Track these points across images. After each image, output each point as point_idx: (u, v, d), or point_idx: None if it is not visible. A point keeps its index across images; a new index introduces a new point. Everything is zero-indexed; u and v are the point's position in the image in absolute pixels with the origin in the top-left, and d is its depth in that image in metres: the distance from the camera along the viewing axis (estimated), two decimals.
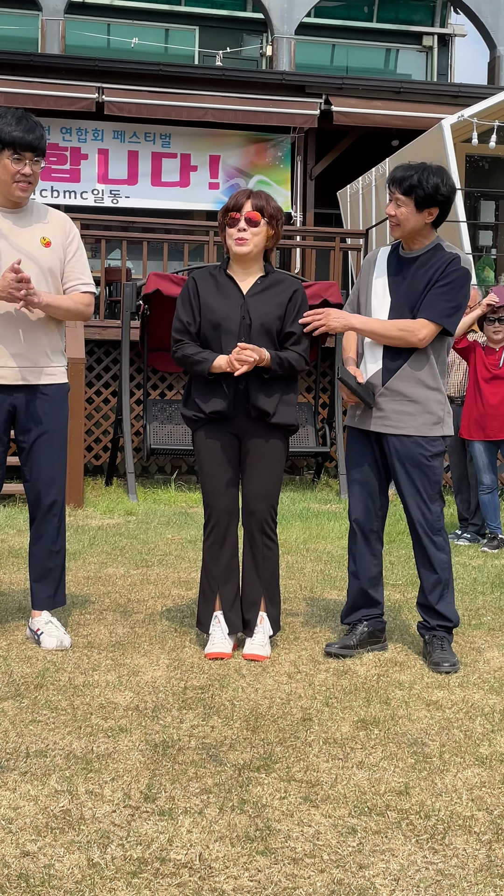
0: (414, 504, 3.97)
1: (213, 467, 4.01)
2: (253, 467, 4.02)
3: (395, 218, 3.93)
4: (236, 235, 3.93)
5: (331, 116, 13.90)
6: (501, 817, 2.58)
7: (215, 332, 3.94)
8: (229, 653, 3.96)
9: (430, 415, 3.96)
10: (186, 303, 4.00)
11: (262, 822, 2.52)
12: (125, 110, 13.48)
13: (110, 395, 10.60)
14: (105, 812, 2.56)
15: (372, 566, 4.10)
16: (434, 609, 4.01)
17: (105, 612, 4.64)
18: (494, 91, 13.66)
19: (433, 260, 3.95)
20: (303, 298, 4.03)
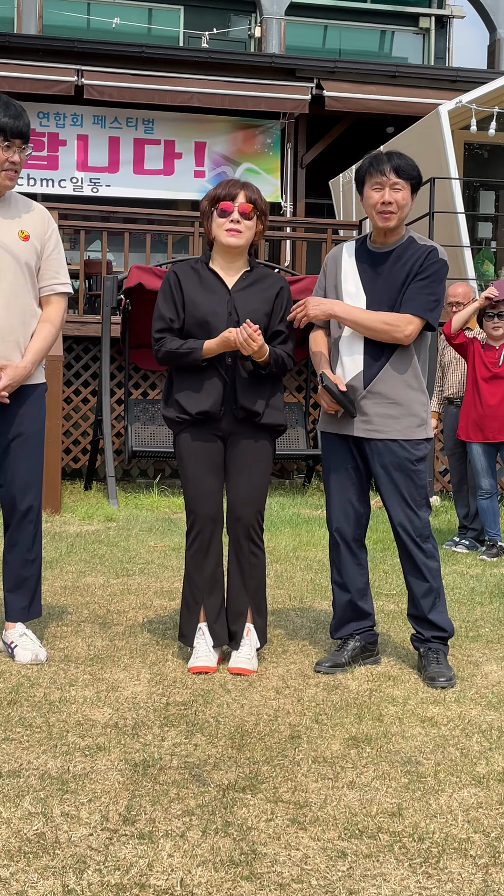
0: (400, 511, 3.97)
1: (198, 472, 4.01)
2: (239, 471, 4.02)
3: (393, 205, 3.89)
4: (228, 226, 3.93)
5: (322, 102, 13.94)
6: (499, 840, 2.59)
7: (201, 329, 3.94)
8: (214, 667, 3.96)
9: (414, 417, 3.97)
10: (168, 298, 3.99)
11: (247, 846, 2.52)
12: (106, 94, 13.49)
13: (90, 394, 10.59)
14: (82, 835, 2.55)
15: (358, 576, 4.10)
16: (427, 619, 4.01)
17: (83, 624, 4.64)
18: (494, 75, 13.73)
19: (409, 252, 3.95)
20: (288, 296, 4.06)
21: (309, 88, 14.05)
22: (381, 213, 3.91)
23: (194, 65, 13.95)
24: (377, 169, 3.91)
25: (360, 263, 4.02)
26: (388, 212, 3.90)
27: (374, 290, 3.95)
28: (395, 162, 3.90)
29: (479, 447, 6.84)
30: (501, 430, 6.73)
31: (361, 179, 3.98)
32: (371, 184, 3.92)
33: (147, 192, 14.35)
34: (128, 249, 11.14)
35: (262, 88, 13.89)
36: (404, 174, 3.90)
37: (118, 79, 13.50)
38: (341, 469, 4.05)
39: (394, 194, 3.89)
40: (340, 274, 4.04)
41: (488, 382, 6.75)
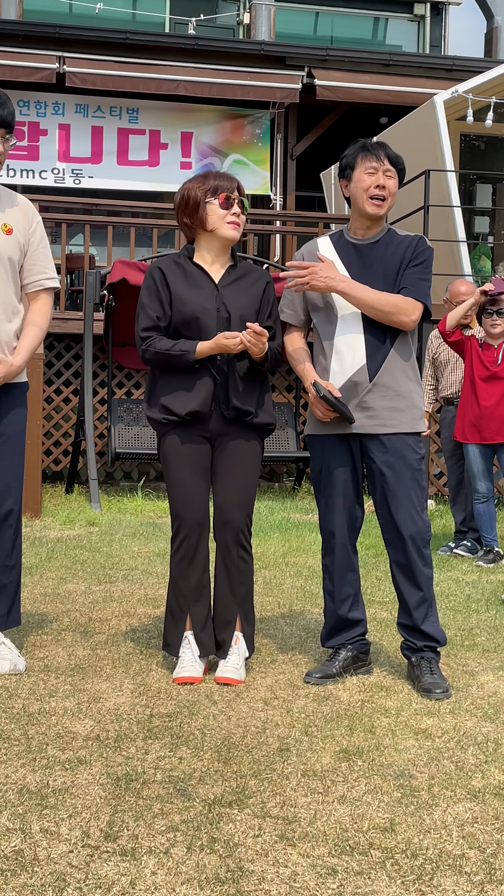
0: (406, 514, 3.95)
1: (184, 475, 4.01)
2: (228, 473, 4.02)
3: (385, 191, 3.93)
4: (231, 218, 3.97)
5: (314, 91, 13.96)
6: (494, 856, 2.59)
7: (189, 327, 3.93)
8: (200, 677, 3.96)
9: (416, 409, 4.01)
10: (154, 295, 3.98)
11: (233, 863, 2.52)
12: (88, 82, 13.48)
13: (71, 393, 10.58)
14: (61, 852, 2.55)
15: (351, 583, 4.10)
16: (419, 630, 4.01)
17: (64, 633, 4.63)
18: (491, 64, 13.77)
19: (396, 242, 4.00)
20: (274, 292, 4.10)
21: (299, 77, 14.06)
22: (373, 199, 3.93)
23: (181, 52, 13.95)
24: (372, 153, 3.94)
25: (344, 256, 4.03)
26: (380, 197, 3.92)
27: (363, 282, 3.96)
28: (388, 150, 3.97)
29: (476, 449, 6.85)
30: (499, 432, 6.74)
31: (351, 164, 3.99)
32: (364, 167, 3.94)
33: (131, 184, 14.34)
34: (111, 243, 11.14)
35: (250, 77, 13.90)
36: (396, 164, 3.97)
37: (101, 66, 13.50)
38: (338, 471, 4.04)
39: (387, 180, 3.93)
40: None
41: (486, 382, 6.76)
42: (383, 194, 3.92)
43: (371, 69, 14.33)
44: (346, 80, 14.03)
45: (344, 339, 3.98)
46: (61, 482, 10.51)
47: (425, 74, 14.44)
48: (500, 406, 6.73)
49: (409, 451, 3.96)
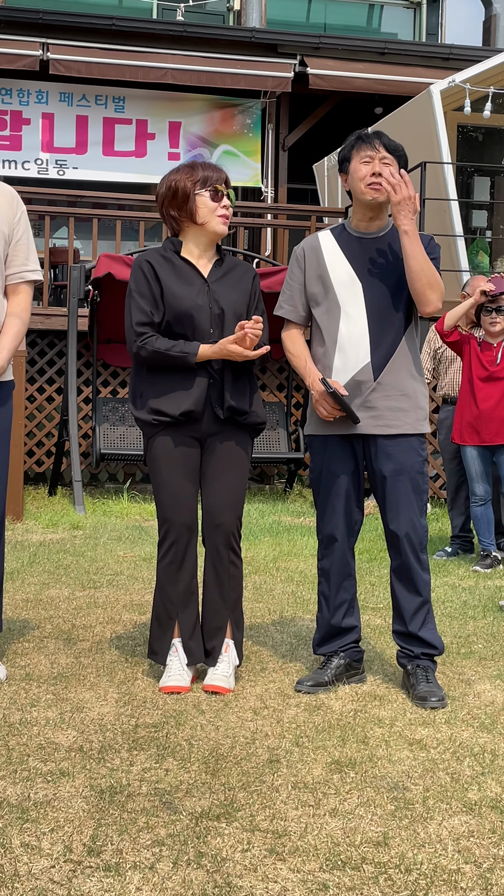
0: (406, 517, 3.99)
1: (173, 477, 4.00)
2: (218, 475, 4.02)
3: (382, 178, 3.94)
4: (221, 211, 3.98)
5: (306, 80, 13.97)
6: (491, 871, 2.60)
7: (182, 324, 3.93)
8: (188, 686, 3.95)
9: (421, 410, 4.05)
10: (145, 290, 3.95)
11: (221, 878, 2.52)
12: (73, 69, 13.47)
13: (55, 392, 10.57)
14: (43, 867, 2.55)
15: (348, 589, 4.12)
16: (417, 636, 4.02)
17: (46, 640, 4.63)
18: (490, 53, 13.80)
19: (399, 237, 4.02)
20: (259, 285, 4.13)
21: (292, 65, 14.07)
22: (370, 186, 3.95)
23: (169, 39, 13.95)
24: (366, 143, 3.98)
25: (347, 251, 4.04)
26: (377, 183, 3.94)
27: (368, 277, 3.98)
28: (384, 139, 4.01)
29: (474, 450, 6.86)
30: (498, 433, 6.76)
31: (347, 157, 4.03)
32: (360, 157, 3.98)
33: (117, 176, 14.33)
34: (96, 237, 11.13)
35: (241, 65, 13.90)
36: (394, 151, 4.00)
37: (87, 53, 13.49)
38: (339, 474, 4.05)
39: (383, 168, 3.95)
40: (325, 263, 4.04)
41: (485, 382, 6.78)
42: (380, 181, 3.94)
43: (366, 57, 14.34)
44: (340, 69, 14.04)
45: (348, 335, 3.98)
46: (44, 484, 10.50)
47: (422, 63, 14.46)
48: (499, 407, 6.74)
49: (412, 454, 3.99)
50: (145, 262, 3.98)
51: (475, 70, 11.40)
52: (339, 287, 4.00)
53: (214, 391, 3.96)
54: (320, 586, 4.15)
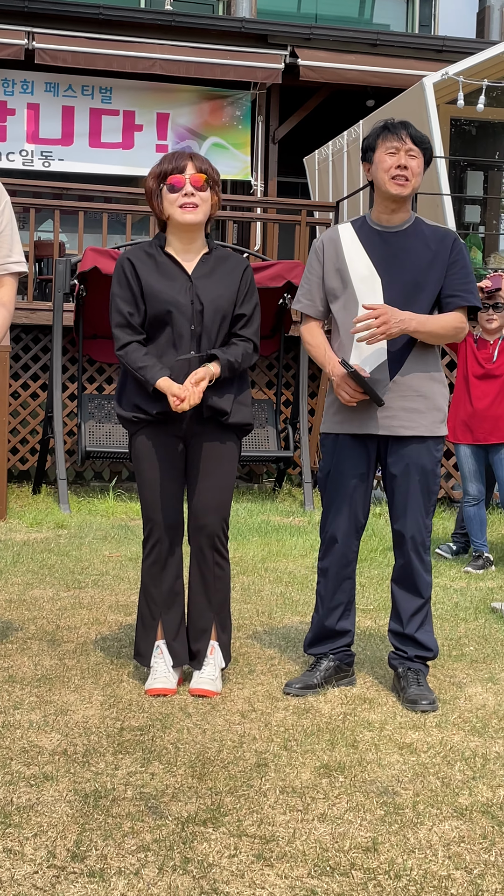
0: (412, 518, 4.00)
1: (156, 475, 4.00)
2: (203, 475, 4.01)
3: (408, 171, 3.92)
4: (182, 201, 3.89)
5: (297, 71, 13.96)
6: (482, 877, 2.60)
7: (162, 321, 3.92)
8: (174, 688, 3.95)
9: (438, 412, 4.02)
10: (125, 289, 3.95)
11: (207, 884, 2.52)
12: (59, 59, 13.44)
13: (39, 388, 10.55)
14: (26, 873, 2.54)
15: (347, 592, 4.12)
16: (413, 638, 4.03)
17: (30, 641, 4.62)
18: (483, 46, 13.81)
19: (426, 234, 4.00)
20: (251, 277, 4.06)
21: (282, 56, 14.06)
22: (395, 179, 3.93)
23: (157, 29, 13.93)
24: (393, 133, 3.94)
25: (367, 245, 4.01)
26: (402, 177, 3.92)
27: (389, 272, 3.97)
28: (411, 129, 3.97)
29: (468, 449, 6.88)
30: (492, 432, 6.77)
31: (372, 146, 4.00)
32: (385, 148, 3.95)
33: (104, 168, 14.31)
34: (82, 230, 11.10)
35: (230, 56, 13.89)
36: (420, 143, 3.97)
37: (73, 42, 13.46)
38: (348, 474, 4.05)
39: (409, 160, 3.93)
40: (344, 257, 4.02)
41: (480, 380, 6.80)
42: (406, 174, 3.92)
43: (357, 49, 14.34)
44: (331, 61, 14.04)
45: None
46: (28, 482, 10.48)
47: (414, 55, 14.47)
48: (494, 406, 6.76)
49: (426, 456, 3.99)
50: (126, 261, 3.97)
51: (469, 62, 11.41)
52: (357, 282, 3.98)
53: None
54: (318, 586, 4.16)
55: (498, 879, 2.58)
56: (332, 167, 13.53)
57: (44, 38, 13.39)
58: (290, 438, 9.92)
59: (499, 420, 6.75)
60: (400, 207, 4.01)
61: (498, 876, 2.60)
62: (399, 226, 4.02)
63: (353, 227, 4.09)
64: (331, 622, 4.11)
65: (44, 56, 13.36)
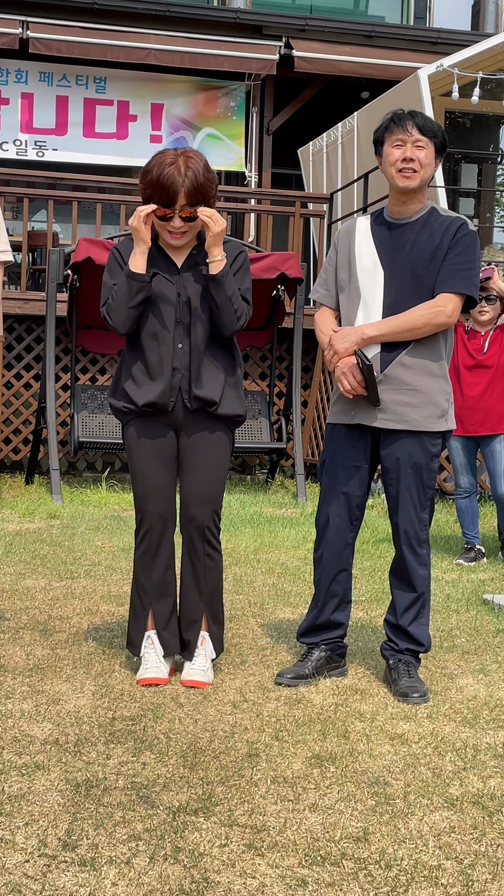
0: (404, 511, 4.00)
1: (147, 466, 4.00)
2: (194, 466, 4.01)
3: (415, 163, 3.89)
4: (170, 228, 3.86)
5: (292, 62, 13.94)
6: (472, 867, 2.61)
7: (148, 311, 3.91)
8: (165, 678, 3.96)
9: (434, 407, 3.96)
10: (116, 276, 3.96)
11: (198, 874, 2.53)
12: (53, 48, 13.40)
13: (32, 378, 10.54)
14: (17, 862, 2.54)
15: (342, 582, 4.12)
16: (405, 631, 4.04)
17: (22, 631, 4.61)
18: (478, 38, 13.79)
19: (434, 224, 3.95)
20: (245, 260, 4.01)
21: (277, 47, 14.04)
22: (401, 172, 3.90)
23: (151, 18, 13.89)
24: (399, 125, 3.91)
25: (377, 236, 4.00)
26: (409, 169, 3.89)
27: (392, 264, 3.94)
28: (418, 119, 3.92)
29: (458, 441, 6.87)
30: (483, 424, 6.77)
31: (380, 139, 3.98)
32: (392, 141, 3.93)
33: (98, 158, 14.27)
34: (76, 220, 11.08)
35: (225, 46, 13.86)
36: (428, 132, 3.91)
37: (67, 32, 13.42)
38: (343, 465, 4.05)
39: (416, 152, 3.90)
40: (354, 248, 4.02)
41: (471, 371, 6.79)
42: (412, 166, 3.89)
43: (352, 40, 14.32)
44: (326, 52, 14.01)
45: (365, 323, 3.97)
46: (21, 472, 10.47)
47: (409, 47, 14.45)
48: (485, 397, 6.75)
49: (419, 450, 3.96)
50: (116, 251, 3.99)
51: (464, 55, 11.40)
52: (361, 274, 3.98)
53: (185, 381, 3.94)
54: (314, 576, 4.17)
55: (488, 869, 2.59)
56: (326, 159, 13.52)
57: (38, 28, 13.35)
58: (283, 430, 9.92)
59: (489, 411, 6.75)
60: (411, 199, 3.97)
61: (488, 866, 2.61)
62: (410, 217, 3.99)
63: (371, 218, 4.08)
64: (325, 613, 4.12)
65: (38, 45, 13.31)
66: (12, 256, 4.16)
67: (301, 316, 9.93)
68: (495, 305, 6.77)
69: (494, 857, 2.66)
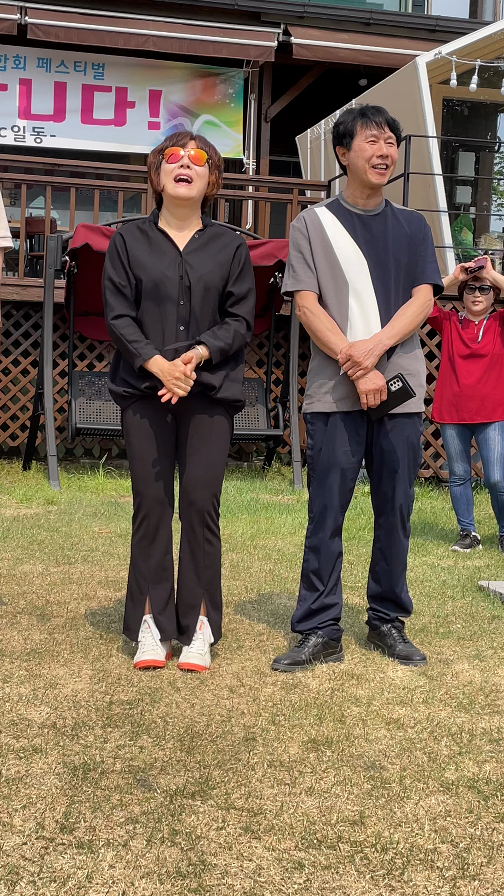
0: (401, 489, 4.20)
1: (146, 450, 4.00)
2: (193, 450, 4.01)
3: (388, 159, 4.01)
4: (177, 173, 3.88)
5: (290, 49, 13.89)
6: (467, 851, 2.61)
7: (151, 295, 3.91)
8: (162, 661, 3.96)
9: (422, 388, 4.23)
10: (116, 261, 3.96)
11: (195, 856, 2.53)
12: (52, 34, 13.34)
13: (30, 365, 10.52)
14: (14, 844, 2.55)
15: (336, 566, 4.19)
16: (394, 599, 4.28)
17: (20, 616, 4.62)
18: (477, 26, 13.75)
19: (400, 217, 4.13)
20: (246, 255, 4.04)
21: (275, 34, 13.98)
22: (375, 168, 3.99)
23: (150, 5, 13.83)
24: (372, 120, 3.99)
25: (348, 227, 4.08)
26: (382, 165, 4.00)
27: (373, 254, 4.06)
28: (386, 116, 4.04)
29: (454, 429, 6.87)
30: (478, 411, 6.77)
31: (350, 132, 4.02)
32: (365, 136, 3.99)
33: (96, 144, 14.23)
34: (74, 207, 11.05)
35: (223, 33, 13.81)
36: (396, 130, 4.05)
37: (66, 18, 13.36)
38: (337, 451, 4.11)
39: (388, 149, 4.01)
40: (328, 238, 4.07)
41: (465, 360, 6.79)
42: (386, 163, 4.01)
43: (350, 28, 14.27)
44: (324, 39, 13.97)
45: (360, 312, 4.06)
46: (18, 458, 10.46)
47: (407, 35, 14.40)
48: (480, 385, 6.75)
49: (411, 430, 4.18)
50: (118, 236, 4.00)
51: (462, 42, 11.36)
52: (345, 264, 4.05)
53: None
54: (306, 564, 4.19)
55: (483, 853, 2.60)
56: (324, 146, 13.48)
57: (36, 14, 13.28)
58: (280, 417, 9.91)
59: (485, 399, 6.75)
60: (375, 193, 4.10)
61: (483, 849, 2.61)
62: (375, 209, 4.12)
63: (330, 209, 4.13)
64: (321, 598, 4.17)
65: (36, 31, 13.26)
66: (12, 242, 4.15)
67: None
68: (488, 295, 6.76)
69: (490, 840, 2.67)
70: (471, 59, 11.35)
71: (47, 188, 10.92)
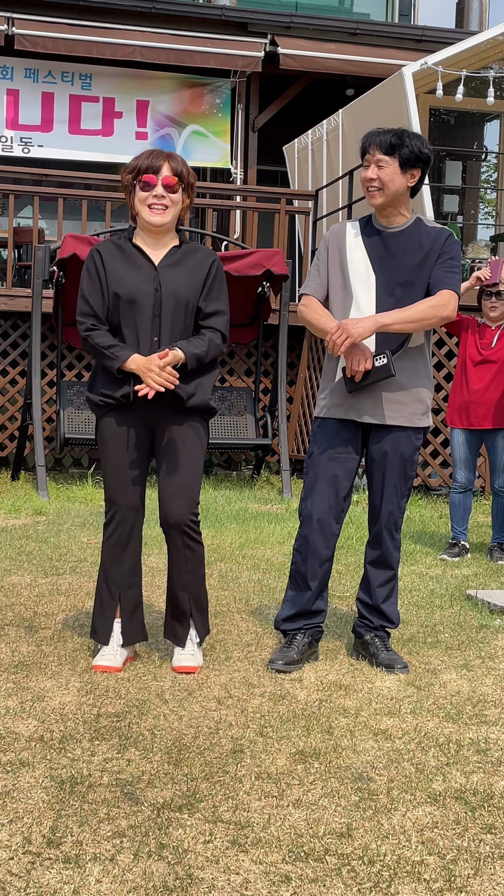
0: (388, 500, 4.24)
1: (119, 458, 4.07)
2: (169, 460, 4.07)
3: (377, 181, 4.07)
4: (151, 201, 3.95)
5: (277, 59, 13.92)
6: (454, 863, 2.61)
7: (126, 309, 3.99)
8: (119, 667, 4.06)
9: (420, 404, 4.22)
10: (94, 280, 4.02)
11: (182, 870, 2.52)
12: (39, 45, 13.34)
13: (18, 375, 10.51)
14: (1, 859, 2.54)
15: (326, 572, 4.26)
16: (379, 609, 4.30)
17: (7, 628, 4.60)
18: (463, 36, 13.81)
19: (422, 234, 4.15)
20: (220, 271, 4.12)
21: (262, 45, 14.01)
22: (368, 191, 4.11)
23: (137, 15, 13.85)
24: (362, 146, 4.12)
25: (368, 242, 4.17)
26: (373, 188, 4.09)
27: (383, 270, 4.13)
28: (381, 137, 4.08)
29: (462, 435, 6.86)
30: (486, 417, 6.78)
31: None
32: (363, 160, 4.13)
33: (84, 154, 14.23)
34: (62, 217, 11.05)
35: (210, 43, 13.83)
36: (388, 150, 4.06)
37: (53, 28, 13.37)
38: (329, 456, 4.21)
39: (378, 171, 4.08)
40: (346, 252, 4.17)
41: (477, 366, 6.82)
42: (375, 185, 4.08)
43: (337, 38, 14.30)
44: (311, 49, 14.00)
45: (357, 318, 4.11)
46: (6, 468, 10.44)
47: (394, 45, 14.45)
48: (490, 391, 6.76)
49: (405, 444, 4.20)
50: (96, 252, 4.06)
51: (448, 52, 11.39)
52: (354, 277, 4.13)
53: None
54: (293, 565, 4.30)
55: (470, 864, 2.60)
56: (311, 156, 13.51)
57: (24, 24, 13.29)
58: (269, 426, 9.92)
59: (493, 406, 6.77)
60: (391, 212, 4.16)
61: (470, 861, 2.61)
62: (398, 227, 4.18)
63: (360, 224, 4.25)
64: (306, 602, 4.26)
65: (24, 42, 13.26)
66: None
67: (286, 312, 9.93)
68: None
69: (476, 852, 2.67)
70: (457, 69, 11.39)
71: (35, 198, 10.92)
